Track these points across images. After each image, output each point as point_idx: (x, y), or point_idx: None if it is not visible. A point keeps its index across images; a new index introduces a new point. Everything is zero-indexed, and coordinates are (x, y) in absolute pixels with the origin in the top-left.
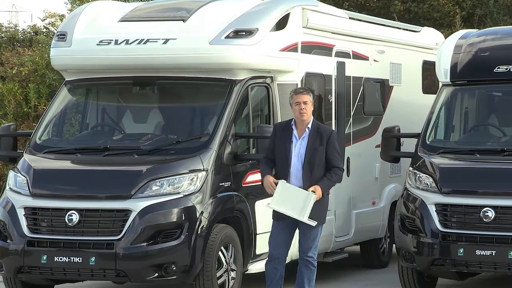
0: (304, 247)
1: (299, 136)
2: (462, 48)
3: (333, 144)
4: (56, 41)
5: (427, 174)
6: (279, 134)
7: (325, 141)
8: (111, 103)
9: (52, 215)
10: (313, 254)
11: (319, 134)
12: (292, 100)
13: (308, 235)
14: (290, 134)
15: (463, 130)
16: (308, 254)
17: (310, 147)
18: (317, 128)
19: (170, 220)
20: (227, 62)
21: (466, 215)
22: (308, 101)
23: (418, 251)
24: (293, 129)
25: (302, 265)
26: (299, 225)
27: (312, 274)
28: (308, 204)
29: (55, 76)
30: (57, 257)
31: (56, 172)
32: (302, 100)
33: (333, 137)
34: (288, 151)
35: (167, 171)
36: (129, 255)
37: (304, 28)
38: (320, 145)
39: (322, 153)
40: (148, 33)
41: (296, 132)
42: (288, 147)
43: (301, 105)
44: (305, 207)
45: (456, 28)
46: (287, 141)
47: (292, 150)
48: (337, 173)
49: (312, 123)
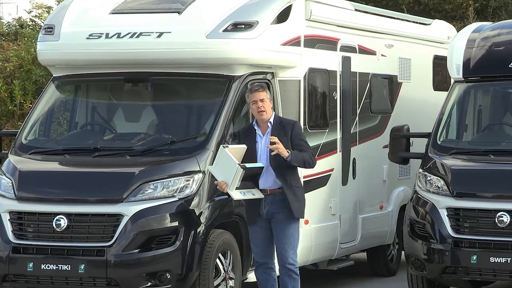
0: (282, 254)
1: (263, 133)
2: (476, 42)
3: (298, 135)
4: (43, 35)
5: (438, 176)
6: (243, 139)
7: (289, 132)
8: (102, 101)
9: (39, 220)
10: (293, 261)
11: (282, 127)
12: (249, 100)
13: (282, 237)
14: (253, 135)
15: (477, 130)
16: (288, 261)
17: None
18: (279, 122)
19: (164, 225)
20: (225, 57)
21: (479, 220)
22: (265, 98)
23: (429, 258)
24: (256, 129)
25: (283, 275)
26: (272, 226)
27: (296, 283)
28: (234, 177)
29: (42, 72)
30: (44, 265)
31: (43, 174)
32: (258, 98)
33: (297, 127)
34: (254, 152)
35: (161, 173)
36: (120, 262)
37: (307, 20)
38: (284, 137)
39: (287, 145)
40: (141, 26)
41: (259, 131)
42: (254, 148)
43: (258, 104)
44: (233, 179)
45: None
46: (251, 142)
47: (258, 150)
48: (309, 155)
49: (274, 118)
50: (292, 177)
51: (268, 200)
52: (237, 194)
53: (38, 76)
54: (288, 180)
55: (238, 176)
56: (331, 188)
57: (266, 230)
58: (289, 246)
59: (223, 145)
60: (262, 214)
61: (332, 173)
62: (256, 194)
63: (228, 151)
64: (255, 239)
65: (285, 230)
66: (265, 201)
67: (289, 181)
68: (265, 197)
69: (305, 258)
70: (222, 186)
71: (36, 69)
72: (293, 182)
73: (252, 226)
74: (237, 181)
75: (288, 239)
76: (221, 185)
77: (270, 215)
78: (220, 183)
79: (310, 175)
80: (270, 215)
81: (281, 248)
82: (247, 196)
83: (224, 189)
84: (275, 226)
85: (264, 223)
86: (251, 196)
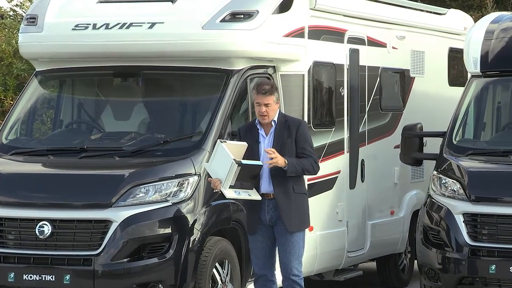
0: (286, 264)
1: (267, 133)
2: (494, 34)
3: (304, 136)
4: (25, 26)
5: (453, 179)
6: (244, 137)
7: (294, 132)
8: (89, 97)
9: (21, 226)
10: (298, 272)
11: (286, 126)
12: (254, 98)
13: (286, 246)
14: (256, 134)
15: (496, 128)
16: (292, 273)
17: (277, 141)
18: (284, 121)
19: (156, 232)
20: (223, 50)
21: (498, 227)
22: (271, 103)
23: (444, 268)
24: (259, 128)
25: (287, 287)
26: (275, 233)
27: None
28: (228, 173)
29: (24, 66)
30: (26, 275)
31: (25, 177)
32: (263, 102)
33: (302, 127)
34: (256, 152)
35: (153, 175)
36: (109, 272)
37: (312, 10)
38: (288, 138)
39: (291, 146)
40: (132, 16)
41: (262, 130)
42: (256, 149)
43: (262, 107)
44: (227, 175)
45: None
46: (254, 142)
47: (260, 150)
48: (311, 162)
49: (278, 116)
50: (296, 183)
51: (271, 205)
52: (231, 193)
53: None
54: (290, 186)
55: (232, 172)
56: (337, 192)
57: (267, 239)
58: (293, 255)
59: (220, 140)
60: (265, 220)
61: (338, 175)
62: (253, 195)
63: (225, 146)
64: (255, 249)
65: (289, 238)
66: (268, 206)
67: (292, 187)
68: (268, 202)
69: (309, 268)
70: (215, 183)
71: (18, 63)
72: (297, 188)
73: (253, 234)
74: (231, 178)
75: (292, 248)
76: (214, 182)
77: (274, 221)
78: (213, 180)
79: (315, 178)
80: (273, 222)
81: (284, 258)
82: (242, 196)
83: (217, 186)
84: (278, 234)
85: (266, 231)
86: (246, 197)
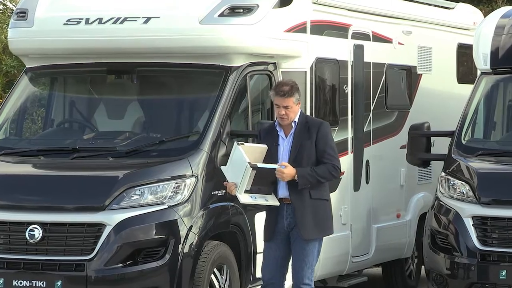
0: (297, 271)
1: (286, 134)
2: (505, 29)
3: (325, 138)
4: (15, 21)
5: (462, 181)
6: (264, 139)
7: (314, 134)
8: (81, 95)
9: (10, 230)
10: (309, 281)
11: (306, 128)
12: (272, 99)
13: (300, 253)
14: (275, 136)
15: (506, 128)
16: (304, 281)
17: (296, 143)
18: (304, 122)
19: (152, 236)
20: (221, 45)
21: (509, 231)
22: (290, 104)
23: (452, 274)
24: (278, 130)
25: None
26: (291, 238)
27: None
28: (243, 176)
29: (14, 63)
30: (16, 281)
31: (15, 179)
32: (282, 105)
33: (323, 128)
34: (275, 155)
35: (148, 177)
36: (102, 278)
37: (315, 4)
38: (308, 139)
39: (310, 149)
40: (126, 10)
41: (282, 132)
42: (275, 152)
43: (281, 110)
44: (242, 179)
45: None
46: (273, 144)
47: (279, 153)
48: (328, 168)
49: (299, 117)
50: (314, 188)
51: (289, 210)
52: (246, 198)
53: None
54: (306, 192)
55: (247, 176)
56: (341, 194)
57: (282, 248)
58: (306, 264)
59: (237, 142)
60: (283, 226)
61: (342, 177)
62: (270, 201)
63: (241, 148)
64: (267, 257)
65: (304, 245)
66: (286, 211)
67: (308, 193)
68: (286, 206)
69: None
70: (230, 187)
71: (7, 59)
72: (315, 194)
73: (268, 241)
74: (246, 182)
75: (306, 256)
76: (229, 186)
77: (292, 227)
78: (228, 184)
79: None
80: (291, 227)
81: (297, 265)
82: (258, 201)
83: (232, 191)
84: (294, 239)
85: (281, 239)
86: (263, 202)
